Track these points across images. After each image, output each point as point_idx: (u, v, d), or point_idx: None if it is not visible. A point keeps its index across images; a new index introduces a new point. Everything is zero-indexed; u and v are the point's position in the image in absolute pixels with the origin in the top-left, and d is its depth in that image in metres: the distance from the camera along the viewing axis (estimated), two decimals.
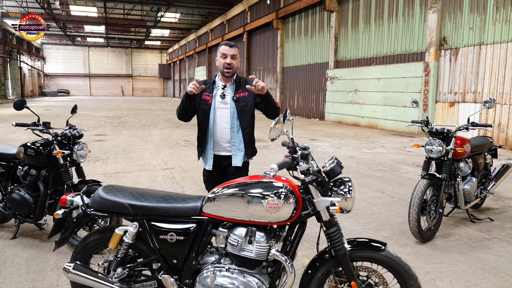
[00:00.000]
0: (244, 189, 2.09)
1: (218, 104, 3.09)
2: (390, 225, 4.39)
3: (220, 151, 3.12)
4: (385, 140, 11.46)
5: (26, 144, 3.68)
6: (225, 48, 3.05)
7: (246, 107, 3.09)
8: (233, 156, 3.10)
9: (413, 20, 13.05)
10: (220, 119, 3.08)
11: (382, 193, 5.75)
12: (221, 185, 2.22)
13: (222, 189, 2.16)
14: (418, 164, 7.90)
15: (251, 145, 3.17)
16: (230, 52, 3.03)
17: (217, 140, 3.09)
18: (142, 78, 59.11)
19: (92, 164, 7.68)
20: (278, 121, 2.06)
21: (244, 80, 3.18)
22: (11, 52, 37.40)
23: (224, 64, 3.03)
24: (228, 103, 3.08)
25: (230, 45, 3.06)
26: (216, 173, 3.16)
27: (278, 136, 2.08)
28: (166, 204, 2.18)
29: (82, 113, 21.35)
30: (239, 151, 3.10)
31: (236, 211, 2.09)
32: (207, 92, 3.11)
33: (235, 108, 3.07)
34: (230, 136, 3.08)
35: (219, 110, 3.09)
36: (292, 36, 21.04)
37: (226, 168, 3.15)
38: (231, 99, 3.08)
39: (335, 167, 2.09)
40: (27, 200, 3.64)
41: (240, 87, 3.12)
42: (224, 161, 3.12)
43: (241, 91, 3.10)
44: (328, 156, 8.72)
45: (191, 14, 38.30)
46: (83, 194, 2.34)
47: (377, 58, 14.79)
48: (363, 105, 15.35)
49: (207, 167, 3.17)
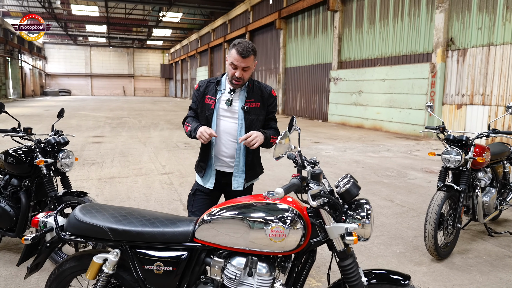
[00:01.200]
0: (244, 212, 1.78)
1: (222, 111, 2.55)
2: (402, 239, 4.07)
3: (222, 166, 2.62)
4: (391, 143, 11.13)
5: (7, 151, 3.37)
6: (237, 58, 2.41)
7: (256, 122, 2.56)
8: (234, 177, 2.60)
9: (419, 20, 12.71)
10: (224, 130, 2.56)
11: (391, 201, 5.43)
12: (217, 206, 1.91)
13: (218, 211, 1.85)
14: (426, 169, 7.57)
15: (254, 167, 2.66)
16: (242, 64, 2.42)
17: (218, 153, 2.60)
18: (144, 78, 58.86)
19: (87, 168, 7.38)
20: (284, 135, 1.74)
21: (258, 86, 2.61)
22: (12, 52, 37.17)
23: (233, 75, 2.47)
24: (235, 112, 2.54)
25: (244, 55, 2.39)
26: (212, 192, 2.68)
27: (285, 154, 1.76)
28: (152, 229, 1.87)
29: (82, 113, 21.08)
30: (241, 173, 2.60)
31: (234, 238, 1.78)
32: (210, 95, 2.58)
33: (243, 120, 2.52)
34: (235, 153, 2.57)
35: (223, 120, 2.56)
36: (295, 36, 20.72)
37: (224, 187, 2.69)
38: (239, 108, 2.53)
39: (351, 188, 1.76)
40: (7, 212, 3.33)
41: (252, 94, 2.55)
42: (224, 178, 2.64)
43: (253, 100, 2.54)
44: (333, 160, 8.40)
45: (193, 14, 38.00)
46: (56, 215, 2.02)
47: (382, 59, 14.46)
48: (367, 107, 15.02)
49: (207, 185, 2.64)
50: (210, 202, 2.63)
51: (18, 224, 3.32)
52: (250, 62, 2.44)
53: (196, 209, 2.64)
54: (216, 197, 2.73)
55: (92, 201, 3.20)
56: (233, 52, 2.43)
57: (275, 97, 2.68)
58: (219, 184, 2.66)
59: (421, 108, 12.37)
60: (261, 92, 2.59)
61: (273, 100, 2.66)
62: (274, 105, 2.68)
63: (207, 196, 2.67)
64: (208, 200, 2.66)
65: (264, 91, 2.61)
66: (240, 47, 2.41)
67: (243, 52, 2.40)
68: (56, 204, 3.18)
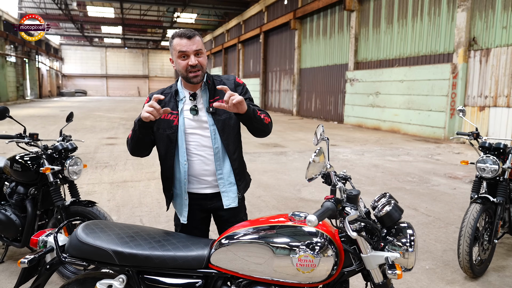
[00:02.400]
0: (266, 237, 1.56)
1: (190, 123, 2.09)
2: (431, 253, 3.79)
3: (203, 188, 2.14)
4: (410, 146, 10.77)
5: (14, 157, 3.21)
6: (182, 43, 1.97)
7: (229, 121, 2.11)
8: (223, 194, 2.14)
9: (440, 19, 12.30)
10: (197, 145, 2.10)
11: (415, 210, 5.14)
12: (235, 228, 1.69)
13: (237, 234, 1.63)
14: (450, 175, 7.23)
15: (244, 174, 2.25)
16: (193, 47, 1.97)
17: (197, 174, 2.12)
18: (159, 79, 59.11)
19: (100, 171, 7.25)
20: (319, 152, 1.51)
21: (219, 81, 2.16)
22: (29, 53, 37.71)
23: (187, 67, 1.99)
24: (205, 120, 2.09)
25: (188, 35, 1.97)
26: (196, 221, 2.20)
27: (320, 174, 1.52)
28: (162, 252, 1.66)
29: (97, 114, 21.15)
30: (229, 186, 2.15)
31: (255, 266, 1.56)
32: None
33: (214, 124, 2.09)
34: (215, 166, 2.11)
35: (193, 133, 2.09)
36: (310, 37, 20.41)
37: (214, 212, 2.23)
38: (206, 112, 2.09)
39: (393, 211, 1.52)
40: (13, 221, 3.17)
41: (216, 92, 2.11)
42: (210, 201, 2.16)
43: (218, 97, 2.09)
44: (351, 164, 8.11)
45: (208, 15, 37.95)
46: (57, 233, 1.83)
47: (400, 59, 14.07)
48: (385, 109, 14.64)
49: (182, 219, 2.18)
50: (202, 232, 2.27)
51: (24, 234, 3.15)
52: (200, 44, 2.00)
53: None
54: (206, 223, 2.29)
55: (100, 212, 3.02)
56: (176, 41, 1.99)
57: (242, 84, 2.19)
58: (207, 211, 2.22)
59: (441, 110, 11.97)
60: (223, 83, 2.13)
61: (242, 88, 2.16)
62: (245, 92, 2.16)
63: (198, 230, 2.21)
64: (200, 233, 2.24)
65: (228, 82, 2.15)
66: (180, 32, 2.00)
67: (186, 33, 1.98)
68: (62, 215, 3.01)
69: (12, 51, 33.70)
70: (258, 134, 2.15)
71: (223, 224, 2.21)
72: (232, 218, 2.19)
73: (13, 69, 33.73)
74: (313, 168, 1.47)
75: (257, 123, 2.03)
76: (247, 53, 30.28)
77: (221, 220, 2.22)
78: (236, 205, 2.17)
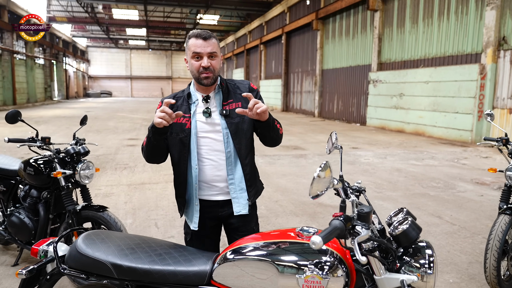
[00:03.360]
0: (272, 254, 1.45)
1: (202, 126, 2.04)
2: (455, 265, 3.59)
3: (214, 195, 2.09)
4: (435, 149, 10.42)
5: (28, 160, 3.21)
6: (198, 43, 1.95)
7: (242, 124, 2.06)
8: (233, 200, 2.08)
9: (467, 18, 11.87)
10: (209, 149, 2.05)
11: (439, 218, 4.91)
12: (240, 242, 1.59)
13: (242, 249, 1.53)
14: (477, 180, 6.92)
15: (255, 180, 2.18)
16: (207, 49, 1.95)
17: (208, 180, 2.07)
18: (182, 80, 59.70)
19: (119, 172, 7.29)
20: (325, 167, 1.38)
21: (233, 84, 2.14)
22: (57, 55, 38.77)
23: (199, 68, 1.97)
24: (217, 122, 2.05)
25: (204, 36, 1.96)
26: (206, 230, 2.14)
27: (326, 191, 1.40)
28: (162, 267, 1.58)
29: (120, 115, 21.49)
30: (240, 192, 2.09)
31: (259, 284, 1.45)
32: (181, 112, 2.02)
33: (227, 127, 2.04)
34: (227, 170, 2.06)
35: (206, 137, 2.05)
36: (333, 37, 20.14)
37: (225, 220, 2.16)
38: (219, 114, 2.05)
39: (410, 230, 1.39)
40: (26, 224, 3.17)
41: (230, 95, 2.09)
42: (222, 208, 2.11)
43: (232, 100, 2.07)
44: (372, 168, 7.89)
45: (230, 16, 38.08)
46: (57, 243, 1.77)
47: (425, 60, 13.67)
48: (409, 111, 14.25)
49: (192, 226, 2.12)
50: (212, 243, 2.21)
51: (36, 237, 3.15)
52: (215, 47, 1.98)
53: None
54: (217, 234, 2.24)
55: (111, 217, 2.98)
56: (191, 41, 1.98)
57: (256, 90, 2.15)
58: (218, 218, 2.16)
59: (468, 112, 11.54)
60: (239, 90, 2.11)
61: (256, 94, 2.09)
62: (259, 98, 2.05)
63: (207, 239, 2.17)
64: (210, 241, 2.19)
65: (242, 87, 2.13)
66: (197, 32, 1.98)
67: (202, 34, 1.96)
68: (73, 219, 2.98)
69: (41, 53, 34.72)
70: (269, 143, 2.15)
71: (233, 233, 2.16)
72: (242, 226, 2.13)
73: (42, 71, 34.74)
74: (318, 184, 1.35)
75: (273, 132, 2.04)
76: (269, 54, 30.19)
77: (231, 228, 2.16)
78: (247, 213, 2.10)
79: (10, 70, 26.37)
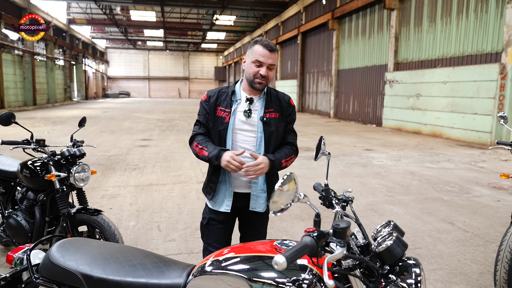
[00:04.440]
0: (250, 270, 1.35)
1: (240, 124, 2.24)
2: (465, 275, 3.41)
3: (238, 187, 2.28)
4: (452, 152, 10.12)
5: (25, 162, 3.19)
6: (264, 53, 2.13)
7: (276, 133, 2.27)
8: (252, 197, 2.27)
9: (487, 17, 11.49)
10: (241, 146, 2.24)
11: (451, 224, 4.71)
12: (219, 253, 1.50)
13: (217, 262, 1.44)
14: (494, 185, 6.66)
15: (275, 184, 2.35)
16: (269, 61, 2.14)
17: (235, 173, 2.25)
18: (199, 81, 60.06)
19: (128, 173, 7.30)
20: (288, 179, 1.27)
21: (276, 95, 2.32)
22: (77, 56, 39.47)
23: (256, 74, 2.15)
24: (254, 124, 2.24)
25: (271, 49, 2.14)
26: (228, 217, 2.34)
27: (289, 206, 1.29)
28: (133, 279, 1.49)
29: (136, 115, 21.68)
30: (261, 192, 2.28)
31: None
32: (223, 106, 2.25)
33: (263, 132, 2.22)
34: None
35: (241, 133, 2.24)
36: (349, 37, 19.86)
37: (241, 211, 2.33)
38: (258, 119, 2.23)
39: (394, 247, 1.26)
40: (23, 227, 3.16)
41: (271, 104, 2.27)
42: (241, 199, 2.29)
43: (272, 110, 2.26)
44: (385, 171, 7.69)
45: (246, 17, 38.06)
46: (30, 251, 1.71)
47: (443, 60, 13.31)
48: (426, 111, 13.91)
49: (223, 208, 2.28)
50: (227, 230, 2.39)
51: (33, 240, 3.12)
52: (275, 60, 2.18)
53: (212, 240, 2.35)
54: (232, 223, 2.41)
55: (105, 221, 2.93)
56: (258, 48, 2.15)
57: (293, 106, 2.39)
58: (234, 208, 2.31)
59: (488, 114, 11.17)
60: (279, 101, 2.31)
61: (292, 110, 2.36)
62: (292, 115, 2.38)
63: (222, 225, 2.34)
64: (224, 229, 2.36)
65: (282, 100, 2.33)
66: (265, 42, 2.16)
67: (270, 45, 2.14)
68: (68, 222, 2.94)
69: (61, 54, 35.39)
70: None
71: (245, 222, 2.40)
72: (254, 220, 2.36)
73: (61, 72, 35.42)
74: (279, 198, 1.24)
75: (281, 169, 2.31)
76: (284, 54, 30.04)
77: (245, 218, 2.38)
78: (262, 211, 2.32)
79: (30, 71, 26.97)
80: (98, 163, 8.09)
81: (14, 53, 25.40)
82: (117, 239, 2.90)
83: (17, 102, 25.35)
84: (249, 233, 2.39)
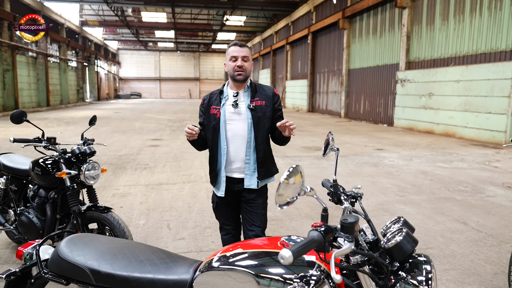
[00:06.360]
0: (257, 265, 1.34)
1: (230, 115, 2.65)
2: (479, 276, 3.35)
3: (233, 172, 2.68)
4: (465, 151, 9.97)
5: (37, 160, 3.22)
6: (235, 49, 2.62)
7: (263, 118, 2.65)
8: (246, 177, 2.65)
9: (502, 14, 11.30)
10: (234, 134, 2.64)
11: (464, 224, 4.63)
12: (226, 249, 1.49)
13: (225, 258, 1.43)
14: (509, 184, 6.53)
15: (266, 164, 2.71)
16: (241, 54, 2.61)
17: (231, 159, 2.66)
18: (209, 81, 60.23)
19: (139, 172, 7.34)
20: (294, 171, 1.25)
21: (260, 86, 2.77)
22: (89, 58, 39.92)
23: (234, 67, 2.59)
24: (243, 112, 2.65)
25: (241, 44, 2.63)
26: (228, 198, 2.73)
27: (295, 199, 1.28)
28: (141, 274, 1.49)
29: (147, 116, 21.84)
30: (253, 171, 2.66)
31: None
32: (214, 105, 2.68)
33: (252, 118, 2.63)
34: (245, 152, 2.64)
35: (232, 123, 2.65)
36: (359, 36, 19.72)
37: (239, 193, 2.71)
38: (246, 107, 2.64)
39: (404, 243, 1.24)
40: (34, 224, 3.19)
41: (256, 94, 2.70)
42: (237, 184, 2.68)
43: (258, 98, 2.67)
44: (396, 170, 7.60)
45: (256, 17, 38.08)
46: (39, 247, 1.72)
47: (456, 58, 13.13)
48: (438, 111, 13.74)
49: (219, 193, 2.72)
50: (233, 210, 2.79)
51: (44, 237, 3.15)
52: (247, 53, 2.63)
53: (224, 219, 2.81)
54: (236, 205, 2.78)
55: (115, 218, 2.94)
56: (230, 48, 2.65)
57: (278, 95, 2.78)
58: (233, 193, 2.71)
59: (502, 113, 10.99)
60: (264, 91, 2.72)
61: (277, 99, 2.75)
62: (279, 103, 2.77)
63: (228, 206, 2.77)
64: (230, 209, 2.78)
65: (267, 90, 2.74)
66: (235, 42, 2.66)
67: (239, 43, 2.65)
68: (78, 220, 2.96)
69: (73, 56, 35.84)
70: (279, 144, 2.79)
71: (244, 204, 2.71)
72: (251, 200, 2.68)
73: (74, 73, 35.86)
74: (285, 191, 1.22)
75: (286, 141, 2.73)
76: (295, 54, 29.97)
77: (243, 201, 2.71)
78: (256, 187, 2.65)
79: (44, 73, 27.34)
80: (109, 163, 8.15)
81: (28, 55, 25.79)
82: (127, 236, 2.91)
83: (31, 103, 25.74)
84: (248, 215, 2.69)
